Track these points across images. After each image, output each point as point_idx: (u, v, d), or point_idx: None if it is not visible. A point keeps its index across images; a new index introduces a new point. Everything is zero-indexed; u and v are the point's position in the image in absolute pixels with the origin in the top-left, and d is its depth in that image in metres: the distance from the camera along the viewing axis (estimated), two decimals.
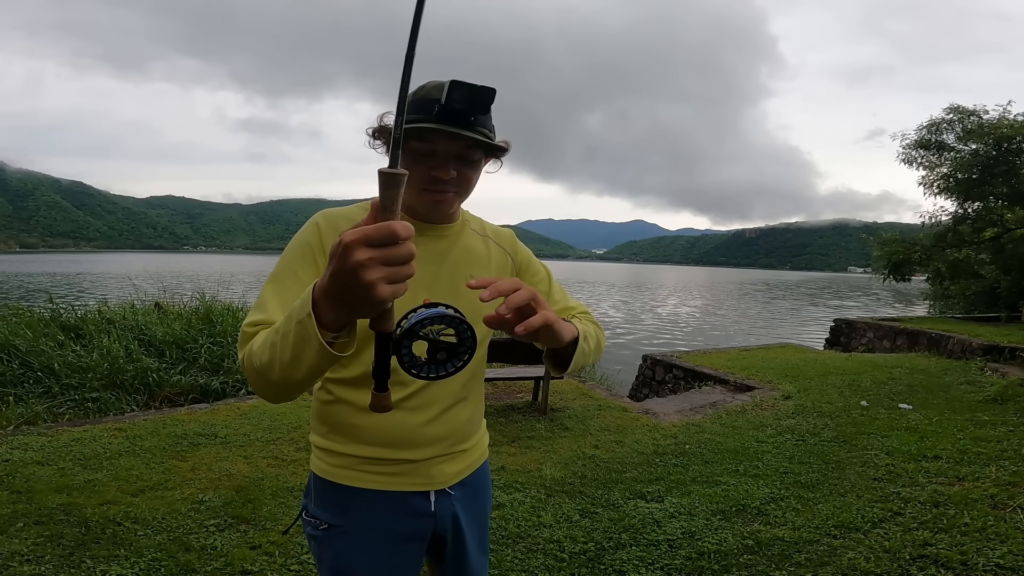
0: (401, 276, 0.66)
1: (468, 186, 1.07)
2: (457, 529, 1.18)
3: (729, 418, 4.94)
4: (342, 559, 1.11)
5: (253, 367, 0.88)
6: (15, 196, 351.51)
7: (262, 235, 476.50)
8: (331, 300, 0.70)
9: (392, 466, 1.09)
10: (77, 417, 4.68)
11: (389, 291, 0.65)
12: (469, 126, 0.98)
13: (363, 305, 0.67)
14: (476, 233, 1.19)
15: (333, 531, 1.11)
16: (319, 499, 1.13)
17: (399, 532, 1.12)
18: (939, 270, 14.57)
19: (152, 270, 30.45)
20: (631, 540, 2.84)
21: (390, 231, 0.64)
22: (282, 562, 2.55)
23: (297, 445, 3.93)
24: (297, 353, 0.77)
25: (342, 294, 0.68)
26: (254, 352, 0.88)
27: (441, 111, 0.95)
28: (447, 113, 0.95)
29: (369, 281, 0.64)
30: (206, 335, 6.24)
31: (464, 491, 1.18)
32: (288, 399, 0.92)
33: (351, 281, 0.65)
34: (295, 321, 0.76)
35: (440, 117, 0.96)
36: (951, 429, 4.63)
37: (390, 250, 0.64)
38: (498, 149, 1.06)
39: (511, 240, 1.24)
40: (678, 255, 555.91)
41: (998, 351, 7.87)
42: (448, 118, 0.96)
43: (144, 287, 8.83)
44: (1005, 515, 3.07)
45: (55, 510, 2.90)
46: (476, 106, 0.97)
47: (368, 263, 0.63)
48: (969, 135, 12.64)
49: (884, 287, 17.09)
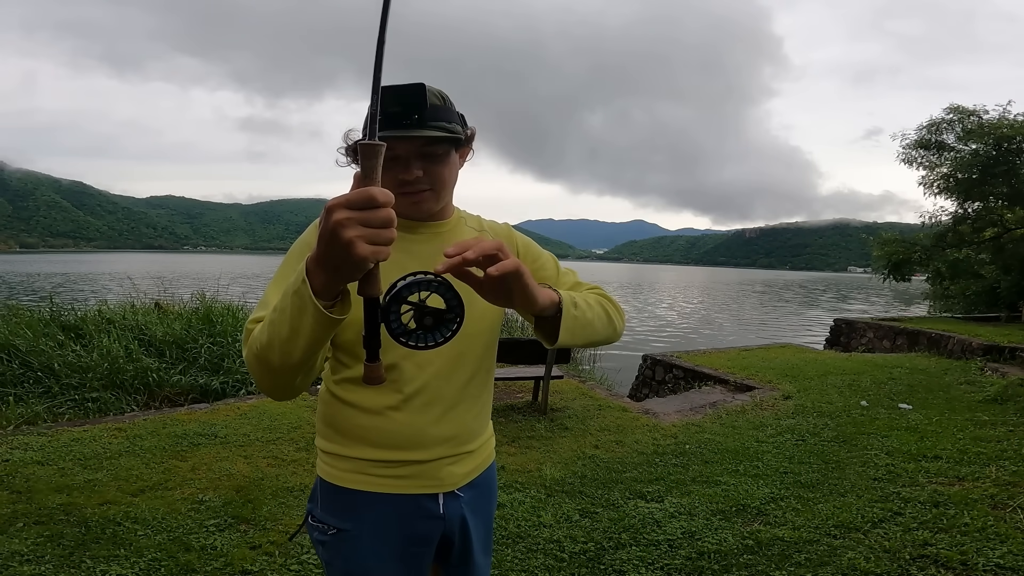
0: (381, 239, 0.71)
1: (442, 181, 1.06)
2: (464, 531, 1.17)
3: (729, 418, 4.94)
4: (353, 564, 1.10)
5: (254, 355, 0.90)
6: (15, 196, 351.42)
7: (262, 235, 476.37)
8: (320, 265, 0.75)
9: (400, 468, 1.08)
10: (77, 417, 4.68)
11: (368, 250, 0.70)
12: (413, 125, 0.99)
13: (345, 264, 0.72)
14: (472, 229, 1.19)
15: (342, 536, 1.10)
16: (327, 504, 1.12)
17: (409, 536, 1.11)
18: (939, 270, 14.56)
19: (152, 270, 30.44)
20: (631, 540, 2.84)
21: (368, 194, 0.70)
22: (282, 562, 2.55)
23: (297, 445, 3.93)
24: (295, 326, 0.80)
25: (327, 257, 0.73)
26: (254, 339, 0.90)
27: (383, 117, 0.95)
28: (387, 118, 0.95)
29: (347, 239, 0.69)
30: (206, 335, 6.24)
31: (473, 493, 1.17)
32: (289, 391, 0.93)
33: (333, 241, 0.70)
34: (291, 293, 0.80)
35: (386, 124, 0.96)
36: (951, 429, 4.63)
37: (368, 213, 0.70)
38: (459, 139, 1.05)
39: (507, 232, 1.23)
40: (678, 255, 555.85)
41: (998, 351, 7.87)
42: (390, 123, 0.97)
43: (144, 287, 8.83)
44: (1005, 515, 3.07)
45: (55, 510, 2.90)
46: (410, 105, 0.98)
47: (347, 223, 0.69)
48: (969, 135, 12.64)
49: (884, 287, 17.08)
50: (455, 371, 1.10)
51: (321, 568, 2.49)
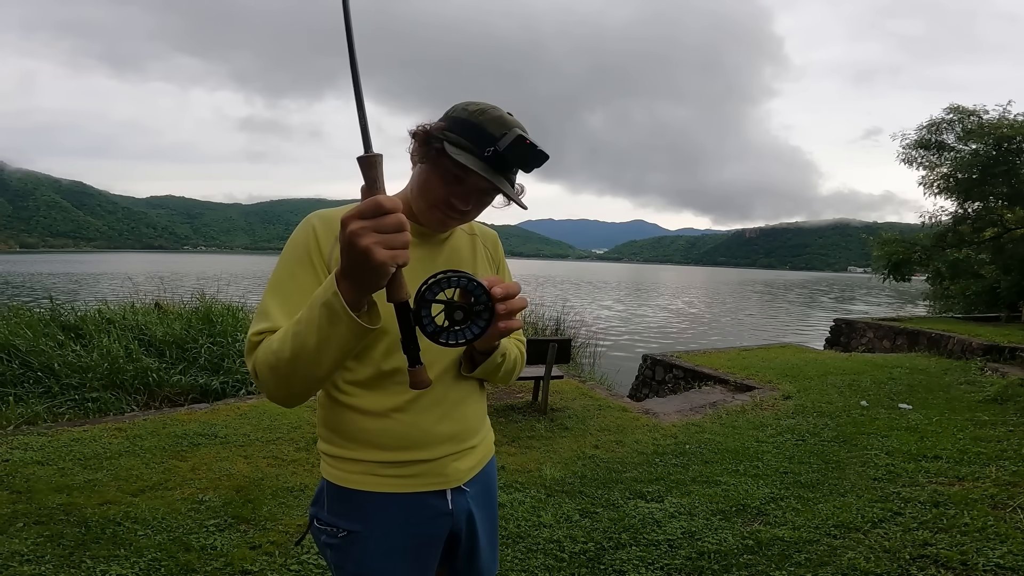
0: (396, 243, 0.75)
1: (476, 215, 1.09)
2: (471, 526, 1.18)
3: (729, 418, 4.94)
4: (363, 566, 1.10)
5: (270, 368, 0.91)
6: (15, 196, 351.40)
7: (262, 235, 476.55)
8: (346, 277, 0.79)
9: (407, 467, 1.09)
10: (77, 417, 4.68)
11: (387, 255, 0.75)
12: (508, 177, 1.01)
13: (367, 271, 0.76)
14: (464, 232, 1.20)
15: (352, 538, 1.09)
16: (334, 507, 1.11)
17: (420, 535, 1.12)
18: (939, 270, 14.56)
19: (152, 270, 30.43)
20: (631, 540, 2.84)
21: (376, 203, 0.74)
22: (282, 562, 2.55)
23: (297, 445, 3.93)
24: (324, 336, 0.84)
25: (351, 268, 0.78)
26: (272, 350, 0.91)
27: (494, 156, 0.96)
28: (498, 160, 0.96)
29: (364, 246, 0.74)
30: (206, 335, 6.24)
31: (477, 488, 1.19)
32: (304, 398, 0.95)
33: (351, 251, 0.75)
34: (319, 304, 0.83)
35: (489, 161, 0.96)
36: (951, 429, 4.63)
37: (379, 220, 0.74)
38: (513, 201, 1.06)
39: (495, 243, 1.26)
40: (678, 255, 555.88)
41: (998, 351, 7.87)
42: (496, 164, 0.97)
43: (144, 287, 8.83)
44: (1005, 515, 3.07)
45: (55, 510, 2.90)
46: (525, 165, 1.00)
47: (361, 231, 0.74)
48: (969, 135, 12.64)
49: (884, 287, 17.08)
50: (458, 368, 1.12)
51: (322, 569, 2.49)
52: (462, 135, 0.97)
